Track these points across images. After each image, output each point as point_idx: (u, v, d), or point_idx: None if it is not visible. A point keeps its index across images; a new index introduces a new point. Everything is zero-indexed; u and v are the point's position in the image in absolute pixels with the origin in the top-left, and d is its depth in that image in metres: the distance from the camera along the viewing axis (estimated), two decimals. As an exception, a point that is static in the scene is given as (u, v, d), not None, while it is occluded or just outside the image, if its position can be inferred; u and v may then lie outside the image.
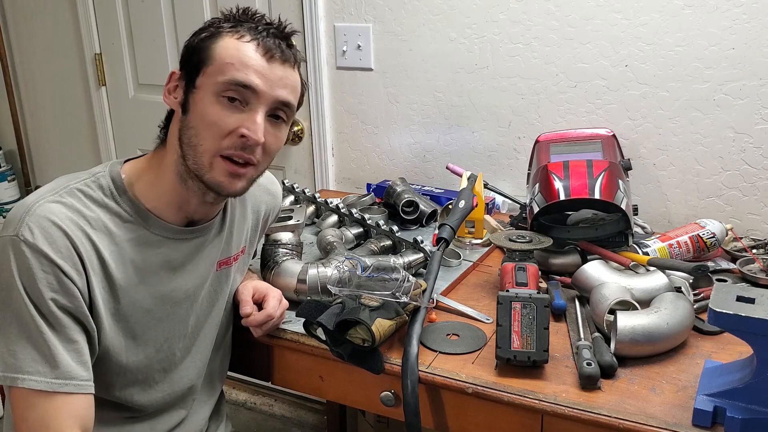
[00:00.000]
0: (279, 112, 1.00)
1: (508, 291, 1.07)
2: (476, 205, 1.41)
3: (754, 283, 1.29)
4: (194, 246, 1.07)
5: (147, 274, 1.02)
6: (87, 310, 0.94)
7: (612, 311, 1.10)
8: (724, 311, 0.86)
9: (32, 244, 0.89)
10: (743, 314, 0.85)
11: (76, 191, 0.97)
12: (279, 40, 0.99)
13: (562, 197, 1.30)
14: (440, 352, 1.11)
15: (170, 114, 1.03)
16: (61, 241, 0.91)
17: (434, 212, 1.65)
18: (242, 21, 0.99)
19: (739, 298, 0.88)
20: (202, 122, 0.96)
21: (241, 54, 0.96)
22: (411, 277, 1.11)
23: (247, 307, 1.14)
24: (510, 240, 1.24)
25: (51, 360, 0.90)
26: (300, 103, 1.05)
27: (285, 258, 1.27)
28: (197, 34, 1.00)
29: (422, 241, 1.35)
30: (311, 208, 1.64)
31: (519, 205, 1.62)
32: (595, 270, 1.22)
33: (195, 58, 0.98)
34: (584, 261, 1.32)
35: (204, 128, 0.96)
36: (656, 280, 1.18)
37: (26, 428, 0.91)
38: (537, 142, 1.52)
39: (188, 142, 0.97)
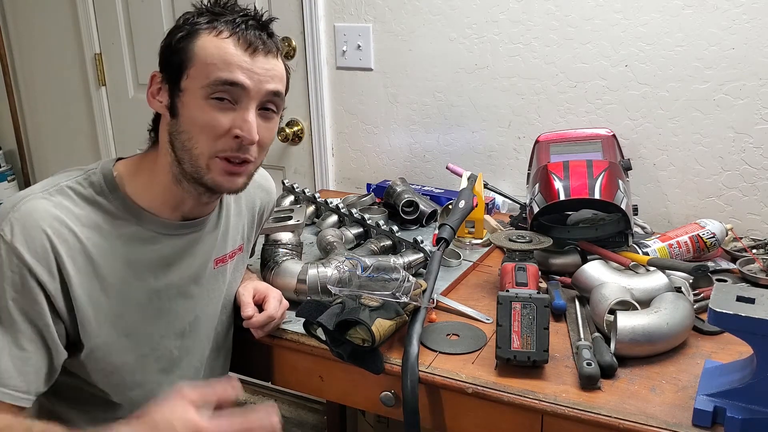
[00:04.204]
0: (269, 105, 0.98)
1: (508, 291, 1.07)
2: (476, 205, 1.41)
3: (754, 283, 1.29)
4: (188, 241, 1.06)
5: (139, 270, 1.01)
6: (51, 320, 0.91)
7: (612, 311, 1.10)
8: (724, 311, 0.86)
9: (8, 241, 0.89)
10: (743, 314, 0.85)
11: (66, 188, 0.96)
12: (259, 32, 0.95)
13: (562, 197, 1.30)
14: (440, 352, 1.11)
15: (158, 116, 1.02)
16: (39, 241, 0.90)
17: (434, 212, 1.65)
18: (218, 14, 0.96)
19: (739, 298, 0.88)
20: (194, 126, 0.94)
21: (222, 52, 0.93)
22: (411, 277, 1.11)
23: (249, 309, 1.14)
24: (510, 240, 1.24)
25: None
26: (286, 89, 1.03)
27: (285, 258, 1.27)
28: (173, 34, 0.96)
29: (422, 241, 1.35)
30: (311, 208, 1.64)
31: (519, 205, 1.62)
32: (595, 270, 1.22)
33: (175, 59, 0.95)
34: (584, 261, 1.32)
35: (197, 132, 0.94)
36: (656, 280, 1.18)
37: None
38: (537, 142, 1.52)
39: (182, 147, 0.96)
